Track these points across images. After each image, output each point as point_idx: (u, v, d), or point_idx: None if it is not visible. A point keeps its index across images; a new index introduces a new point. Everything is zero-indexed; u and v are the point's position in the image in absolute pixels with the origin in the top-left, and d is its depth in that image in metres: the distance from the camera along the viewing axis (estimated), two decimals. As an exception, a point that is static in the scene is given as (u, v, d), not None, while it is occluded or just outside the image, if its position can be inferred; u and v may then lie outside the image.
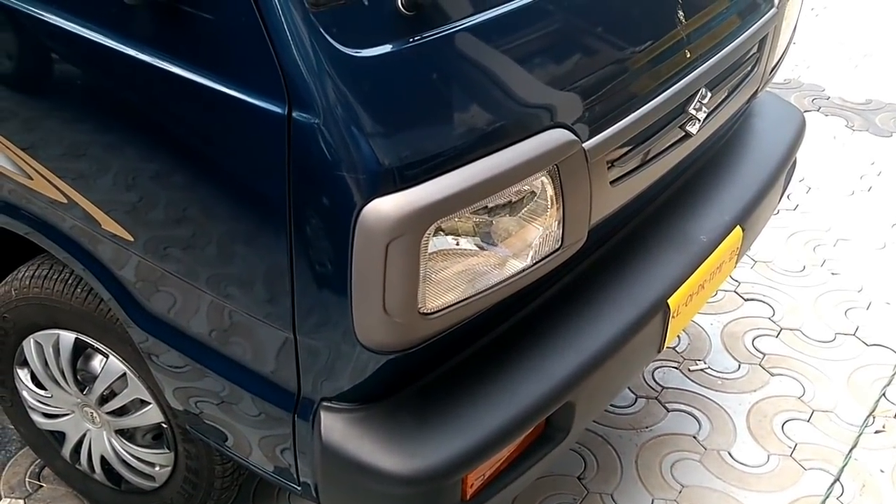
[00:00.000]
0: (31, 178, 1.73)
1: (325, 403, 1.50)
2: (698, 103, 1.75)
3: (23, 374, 2.15)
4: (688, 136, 1.77)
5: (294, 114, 1.27)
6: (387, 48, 1.30)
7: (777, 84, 4.43)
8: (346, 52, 1.26)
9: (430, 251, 1.33)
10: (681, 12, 1.69)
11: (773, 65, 2.14)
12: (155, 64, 1.38)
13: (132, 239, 1.62)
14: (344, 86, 1.26)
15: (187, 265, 1.56)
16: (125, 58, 1.41)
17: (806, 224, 3.46)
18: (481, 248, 1.42)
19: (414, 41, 1.32)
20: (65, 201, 1.69)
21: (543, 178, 1.43)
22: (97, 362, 1.98)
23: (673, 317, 1.80)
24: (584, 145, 1.48)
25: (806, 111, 4.24)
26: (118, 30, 1.42)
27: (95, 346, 1.94)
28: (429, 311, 1.37)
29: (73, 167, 1.63)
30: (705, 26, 1.76)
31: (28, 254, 1.99)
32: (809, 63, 4.74)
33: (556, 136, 1.43)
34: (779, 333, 2.90)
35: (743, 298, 3.05)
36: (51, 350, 2.01)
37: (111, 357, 1.93)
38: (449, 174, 1.31)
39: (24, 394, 2.17)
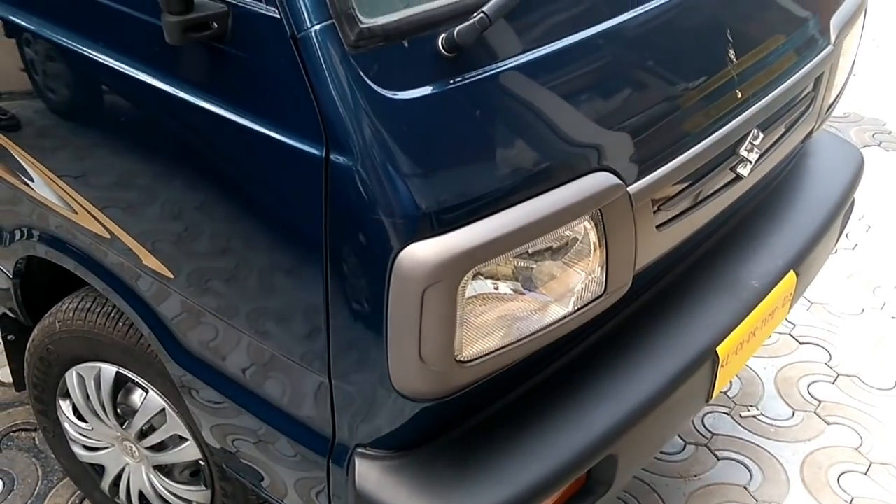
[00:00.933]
0: (76, 213, 1.75)
1: (359, 450, 1.47)
2: (750, 144, 1.69)
3: (65, 406, 2.16)
4: (739, 178, 1.71)
5: (331, 156, 1.25)
6: (426, 90, 1.28)
7: (836, 118, 4.32)
8: (385, 94, 1.25)
9: (467, 296, 1.29)
10: (731, 51, 1.64)
11: (829, 103, 2.07)
12: (196, 102, 1.39)
13: (172, 276, 1.62)
14: (382, 128, 1.24)
15: (225, 303, 1.55)
16: (168, 96, 1.42)
17: (865, 264, 3.35)
18: (521, 293, 1.38)
19: (454, 83, 1.29)
20: (107, 236, 1.71)
21: (586, 223, 1.39)
22: (137, 396, 1.98)
23: (722, 366, 1.74)
24: (628, 189, 1.43)
25: (866, 146, 4.12)
26: (161, 68, 1.43)
27: (136, 380, 1.95)
28: (466, 359, 1.33)
29: (116, 202, 1.65)
30: (757, 65, 1.71)
31: (73, 286, 2.01)
32: (870, 96, 4.62)
33: (599, 180, 1.39)
34: (835, 379, 2.79)
35: (798, 342, 2.95)
36: (92, 383, 2.02)
37: (151, 392, 1.93)
38: (488, 219, 1.28)
39: (66, 425, 2.19)
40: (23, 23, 1.64)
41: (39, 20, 1.61)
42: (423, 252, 1.23)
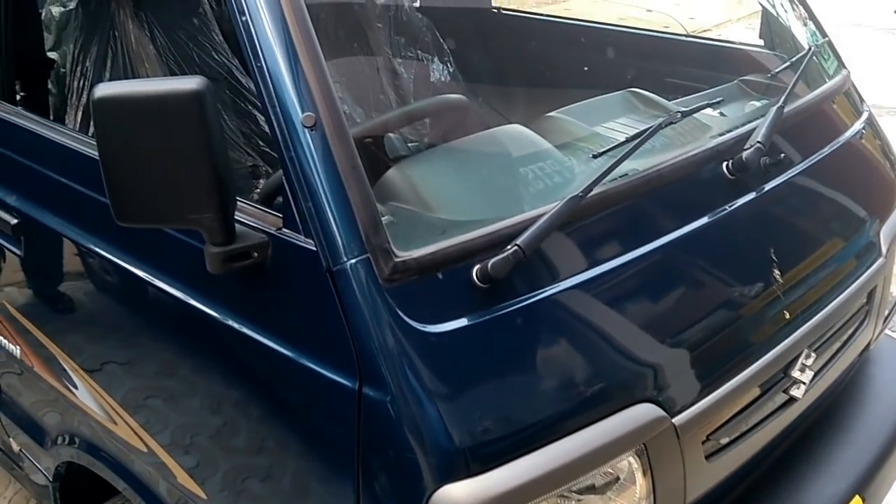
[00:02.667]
0: (116, 423, 1.74)
1: None
2: (801, 365, 1.63)
3: None
4: (792, 400, 1.63)
5: (365, 389, 1.23)
6: (461, 322, 1.26)
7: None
8: (419, 328, 1.23)
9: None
10: (776, 270, 1.61)
11: (885, 315, 2.00)
12: (235, 327, 1.40)
13: (206, 497, 1.58)
14: (416, 364, 1.22)
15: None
16: (210, 319, 1.44)
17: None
18: (564, 531, 1.30)
19: (489, 314, 1.28)
20: (144, 450, 1.69)
21: (631, 459, 1.33)
22: None
23: None
24: (674, 421, 1.38)
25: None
26: (203, 291, 1.45)
27: None
28: None
29: (155, 418, 1.65)
30: (804, 283, 1.67)
31: (112, 492, 1.97)
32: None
33: (642, 413, 1.34)
34: None
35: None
36: None
37: None
38: (525, 458, 1.23)
39: None
40: (80, 240, 1.70)
41: (93, 237, 1.68)
42: (459, 493, 1.18)
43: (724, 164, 1.58)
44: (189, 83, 1.17)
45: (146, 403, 1.67)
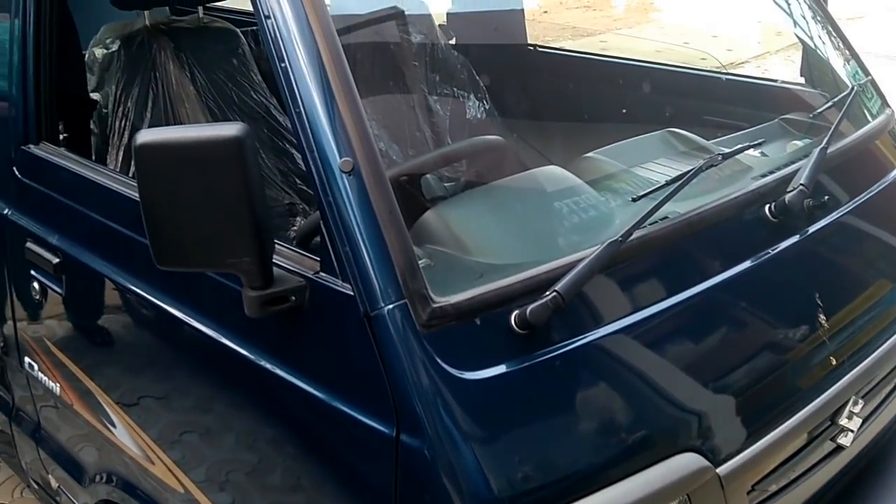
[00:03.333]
0: (151, 461, 1.75)
1: None
2: (849, 412, 1.58)
3: None
4: (840, 448, 1.59)
5: (402, 436, 1.22)
6: (500, 369, 1.25)
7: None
8: (457, 374, 1.22)
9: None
10: (822, 315, 1.57)
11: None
12: (272, 370, 1.39)
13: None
14: (454, 411, 1.21)
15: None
16: (246, 360, 1.44)
17: None
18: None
19: (528, 361, 1.26)
20: (179, 488, 1.69)
21: (673, 510, 1.29)
22: None
23: None
24: (718, 471, 1.34)
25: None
26: (240, 333, 1.46)
27: None
28: None
29: (190, 455, 1.65)
30: (851, 328, 1.63)
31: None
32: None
33: (686, 463, 1.31)
34: None
35: None
36: None
37: None
38: (565, 508, 1.21)
39: None
40: (120, 280, 1.72)
41: (133, 277, 1.69)
42: (498, 545, 1.16)
43: (767, 206, 1.56)
44: (229, 130, 1.18)
45: (181, 440, 1.67)
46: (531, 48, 2.78)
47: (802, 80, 2.16)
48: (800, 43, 2.18)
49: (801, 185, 1.54)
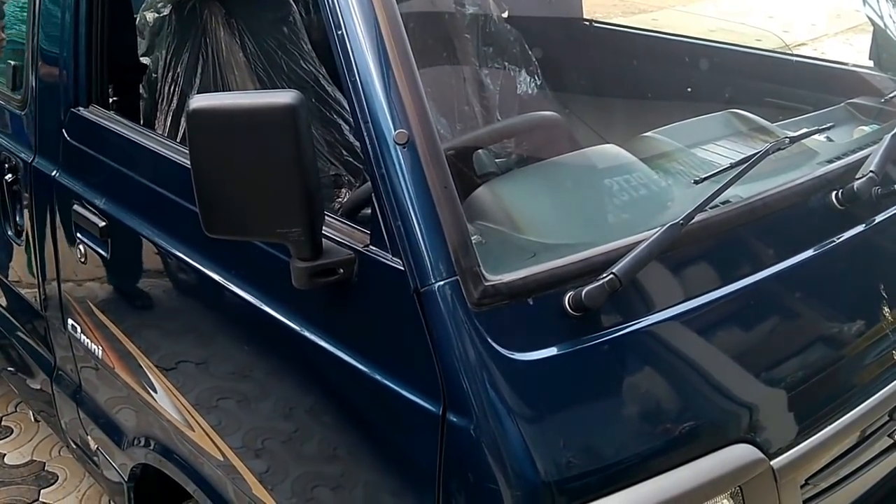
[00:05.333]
0: (189, 426, 1.75)
1: None
2: (909, 409, 1.53)
3: None
4: (897, 445, 1.54)
5: (449, 415, 1.20)
6: (551, 351, 1.22)
7: None
8: (508, 355, 1.19)
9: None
10: (885, 308, 1.52)
11: None
12: (319, 343, 1.38)
13: (275, 503, 1.56)
14: (503, 392, 1.18)
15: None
16: (290, 330, 1.42)
17: None
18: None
19: (581, 345, 1.23)
20: (216, 453, 1.69)
21: (725, 502, 1.26)
22: None
23: None
24: (772, 464, 1.31)
25: None
26: (289, 305, 1.44)
27: None
28: None
29: (228, 420, 1.65)
30: (916, 322, 1.57)
31: (183, 496, 1.98)
32: None
33: (740, 454, 1.28)
34: None
35: None
36: None
37: None
38: (614, 496, 1.18)
39: None
40: (166, 245, 1.71)
41: (179, 243, 1.68)
42: (542, 531, 1.14)
43: (833, 193, 1.50)
44: (284, 97, 1.16)
45: (219, 405, 1.67)
46: (587, 23, 2.72)
47: (871, 63, 2.08)
48: (868, 24, 2.10)
49: (871, 171, 1.48)
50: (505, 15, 2.57)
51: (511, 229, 1.39)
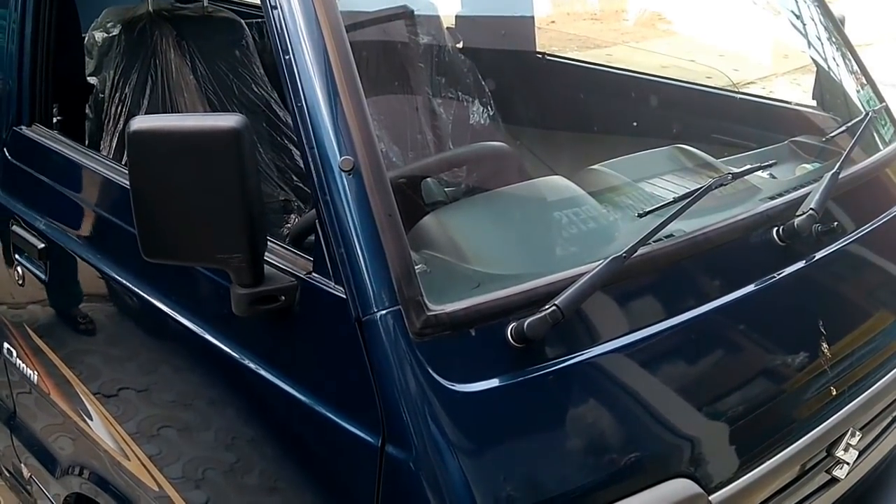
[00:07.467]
0: (126, 456, 1.71)
1: None
2: (846, 445, 1.54)
3: None
4: (834, 480, 1.55)
5: (388, 447, 1.18)
6: (493, 383, 1.21)
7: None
8: (449, 386, 1.18)
9: None
10: (824, 343, 1.54)
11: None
12: (256, 370, 1.35)
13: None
14: (443, 424, 1.16)
15: None
16: (230, 358, 1.40)
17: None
18: None
19: (522, 376, 1.22)
20: (153, 485, 1.65)
21: (663, 537, 1.25)
22: None
23: None
24: (710, 498, 1.30)
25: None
26: (225, 331, 1.41)
27: None
28: None
29: (167, 450, 1.61)
30: (852, 358, 1.59)
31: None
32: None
33: (678, 488, 1.27)
34: None
35: None
36: None
37: None
38: (551, 531, 1.17)
39: None
40: (105, 269, 1.67)
41: (119, 267, 1.64)
42: (480, 565, 1.12)
43: (775, 229, 1.52)
44: (228, 120, 1.14)
45: (158, 435, 1.63)
46: (539, 56, 2.75)
47: (814, 103, 2.13)
48: (813, 64, 2.15)
49: (812, 209, 1.50)
50: (459, 46, 2.59)
51: (457, 259, 1.38)
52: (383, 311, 1.18)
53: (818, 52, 2.10)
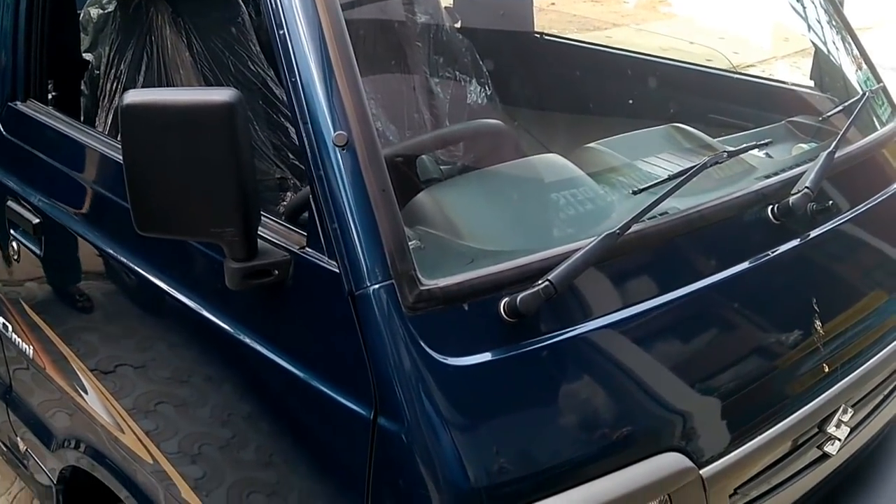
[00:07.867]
0: (122, 430, 1.72)
1: None
2: (838, 421, 1.55)
3: None
4: (826, 456, 1.56)
5: (380, 419, 1.19)
6: (485, 357, 1.21)
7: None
8: (441, 360, 1.19)
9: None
10: (817, 321, 1.54)
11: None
12: (251, 344, 1.36)
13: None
14: (435, 397, 1.17)
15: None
16: (224, 332, 1.40)
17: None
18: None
19: (514, 350, 1.23)
20: (149, 459, 1.66)
21: (653, 510, 1.26)
22: None
23: None
24: (701, 472, 1.31)
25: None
26: (219, 305, 1.42)
27: None
28: None
29: (162, 426, 1.62)
30: (845, 336, 1.60)
31: (111, 500, 1.94)
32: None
33: (669, 462, 1.28)
34: None
35: None
36: None
37: None
38: (544, 501, 1.18)
39: None
40: (100, 244, 1.68)
41: (114, 242, 1.65)
42: (470, 537, 1.13)
43: (770, 208, 1.52)
44: (221, 95, 1.14)
45: (155, 410, 1.63)
46: (538, 36, 2.74)
47: (812, 84, 2.13)
48: (812, 46, 2.15)
49: (807, 188, 1.50)
50: (457, 25, 2.58)
51: (450, 234, 1.39)
52: (376, 286, 1.19)
53: (816, 33, 2.10)
